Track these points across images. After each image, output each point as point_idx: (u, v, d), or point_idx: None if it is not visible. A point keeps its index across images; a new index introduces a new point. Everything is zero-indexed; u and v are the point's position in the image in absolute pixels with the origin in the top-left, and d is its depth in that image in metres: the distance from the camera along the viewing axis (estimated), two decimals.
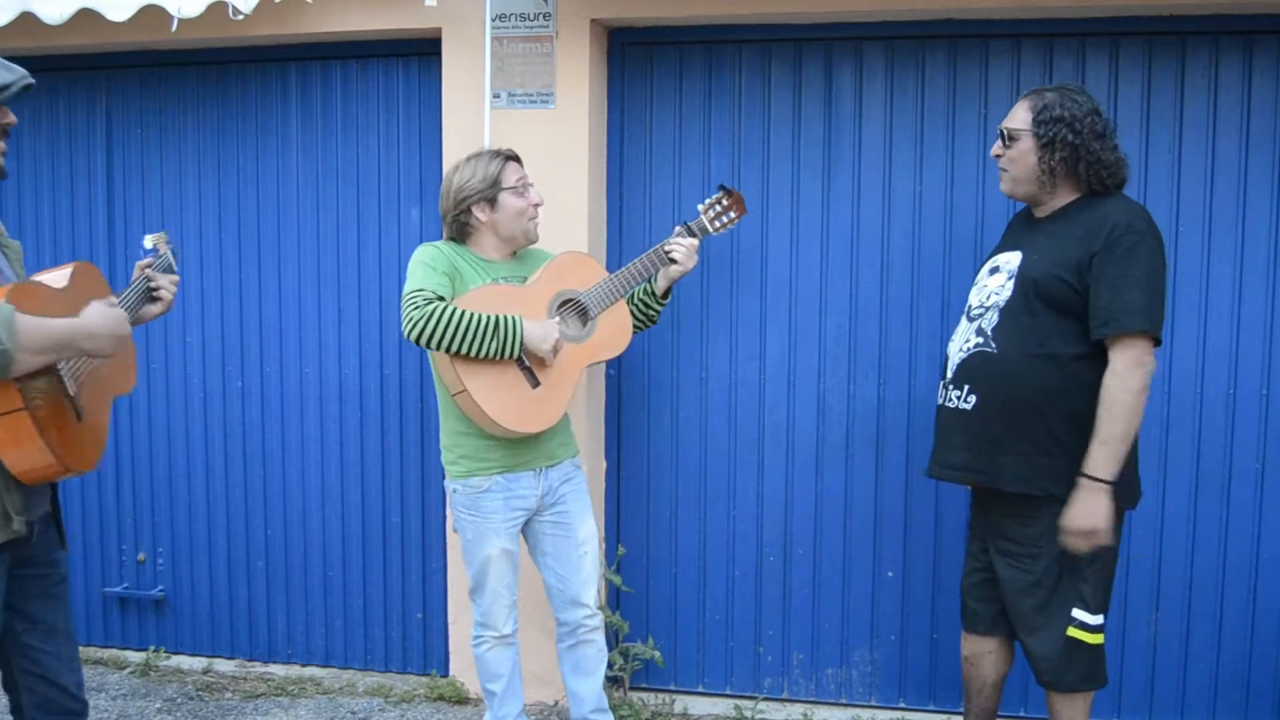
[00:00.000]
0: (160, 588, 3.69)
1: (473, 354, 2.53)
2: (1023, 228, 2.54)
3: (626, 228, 3.31)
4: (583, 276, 2.77)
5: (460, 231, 2.74)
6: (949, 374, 2.51)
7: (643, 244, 3.26)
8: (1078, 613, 2.37)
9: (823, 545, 3.26)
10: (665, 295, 2.90)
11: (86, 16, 3.02)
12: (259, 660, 3.65)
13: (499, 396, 2.59)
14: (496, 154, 2.72)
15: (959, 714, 3.15)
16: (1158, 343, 2.30)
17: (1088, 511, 2.28)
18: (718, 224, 2.88)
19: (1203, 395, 3.01)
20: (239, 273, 3.54)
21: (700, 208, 2.87)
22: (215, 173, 3.54)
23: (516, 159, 2.75)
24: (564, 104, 3.13)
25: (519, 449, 2.69)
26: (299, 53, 3.42)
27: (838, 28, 3.11)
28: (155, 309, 2.33)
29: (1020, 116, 2.43)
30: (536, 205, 2.74)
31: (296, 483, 3.57)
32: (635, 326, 2.89)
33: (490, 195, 2.68)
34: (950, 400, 2.49)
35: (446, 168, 3.24)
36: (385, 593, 3.54)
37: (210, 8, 2.94)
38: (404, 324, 2.53)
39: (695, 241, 2.82)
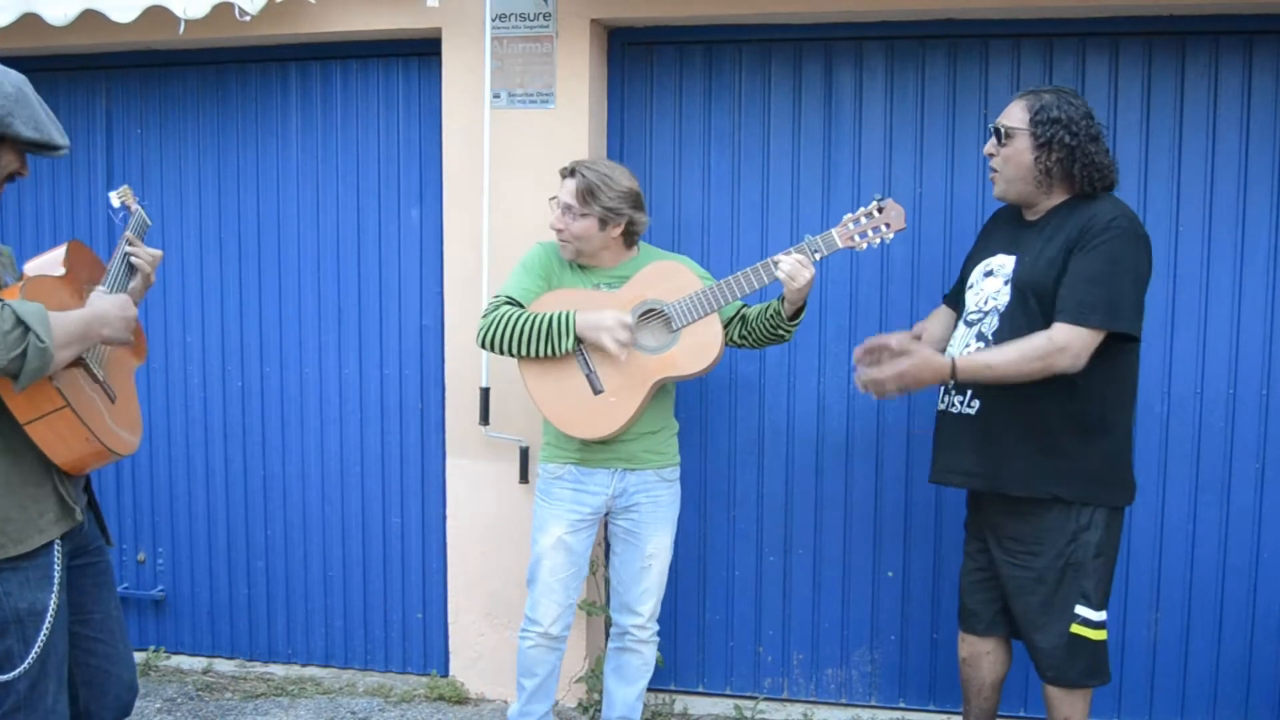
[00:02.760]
0: (160, 588, 3.69)
1: (531, 354, 2.59)
2: (1014, 230, 2.52)
3: None
4: (675, 286, 2.62)
5: None
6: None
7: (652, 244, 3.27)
8: (1080, 609, 2.38)
9: (823, 545, 3.26)
10: (794, 317, 2.65)
11: (89, 17, 3.02)
12: (259, 660, 3.65)
13: (556, 400, 2.62)
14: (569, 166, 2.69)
15: (959, 714, 3.15)
16: (1134, 339, 2.33)
17: (914, 371, 2.30)
18: (858, 239, 2.55)
19: (1203, 395, 3.01)
20: (239, 272, 3.54)
21: (846, 217, 2.58)
22: (215, 172, 3.54)
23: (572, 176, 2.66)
24: (564, 104, 3.13)
25: (595, 444, 2.69)
26: (299, 53, 3.42)
27: (838, 28, 3.11)
28: (136, 282, 2.21)
29: (1016, 115, 2.42)
30: (557, 229, 2.68)
31: (296, 483, 3.57)
32: (764, 342, 2.72)
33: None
34: (953, 406, 2.51)
35: (447, 164, 3.25)
36: (385, 593, 3.54)
37: (215, 8, 2.94)
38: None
39: (803, 258, 2.53)
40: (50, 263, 2.07)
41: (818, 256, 2.56)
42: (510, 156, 3.15)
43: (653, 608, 2.82)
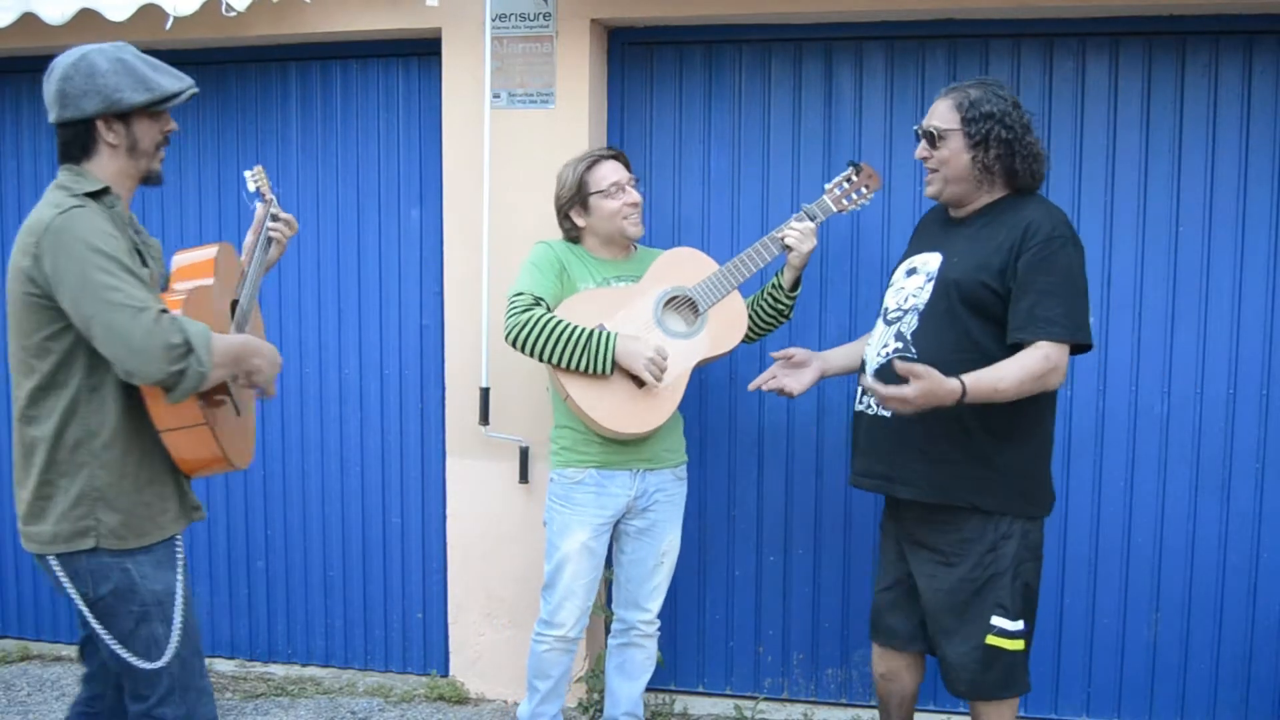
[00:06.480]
0: None
1: (565, 366, 2.56)
2: (939, 228, 2.46)
3: None
4: (692, 271, 2.72)
5: (569, 234, 2.78)
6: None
7: (642, 243, 3.26)
8: (997, 620, 2.29)
9: (823, 545, 3.26)
10: (794, 288, 2.78)
11: (87, 16, 3.02)
12: (259, 660, 3.65)
13: (602, 399, 2.59)
14: (586, 157, 2.72)
15: (959, 714, 3.16)
16: (1086, 348, 2.28)
17: (928, 393, 2.11)
18: (845, 202, 2.75)
19: (1203, 395, 3.01)
20: None
21: (826, 186, 2.76)
22: (215, 173, 3.54)
23: (613, 157, 2.73)
24: (564, 104, 3.13)
25: (616, 446, 2.68)
26: (299, 53, 3.42)
27: (838, 28, 3.11)
28: (274, 253, 2.38)
29: (944, 115, 2.34)
30: (632, 204, 2.71)
31: (296, 483, 3.57)
32: (767, 325, 2.83)
33: (581, 200, 2.70)
34: (871, 407, 2.40)
35: (447, 164, 3.25)
36: (385, 593, 3.54)
37: (205, 5, 2.94)
38: (504, 328, 2.59)
39: (810, 225, 2.69)
40: (200, 266, 2.12)
41: (817, 222, 2.72)
42: (510, 156, 3.15)
43: (660, 603, 2.84)
